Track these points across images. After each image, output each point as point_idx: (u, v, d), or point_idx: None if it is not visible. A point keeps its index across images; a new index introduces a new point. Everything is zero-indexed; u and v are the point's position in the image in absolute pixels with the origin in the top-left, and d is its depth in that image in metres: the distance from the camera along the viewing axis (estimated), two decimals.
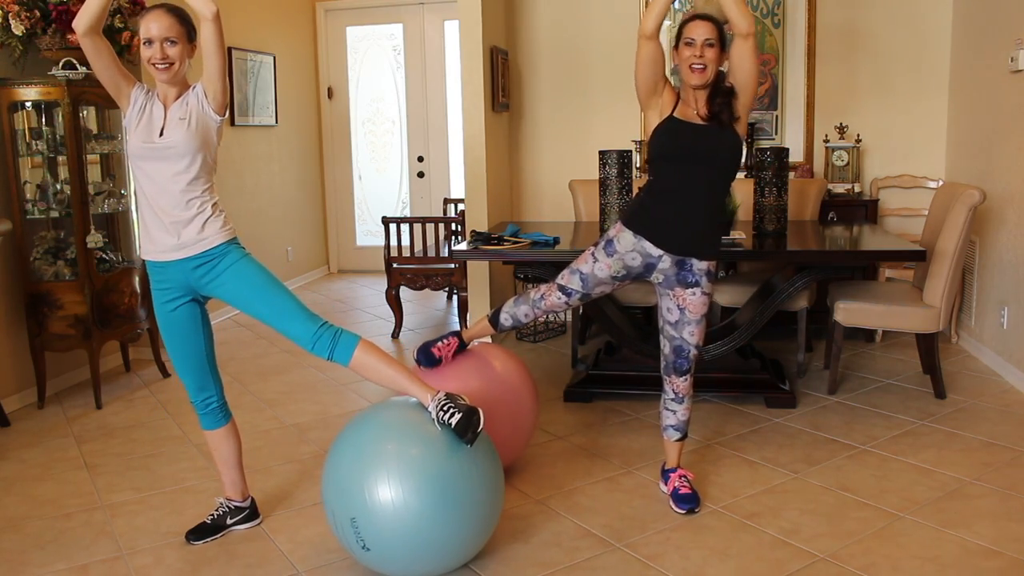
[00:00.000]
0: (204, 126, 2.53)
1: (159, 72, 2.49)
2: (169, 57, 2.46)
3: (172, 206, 2.52)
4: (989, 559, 2.52)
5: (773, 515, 2.84)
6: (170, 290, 2.61)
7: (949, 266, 3.81)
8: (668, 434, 2.99)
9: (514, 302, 3.07)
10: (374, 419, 2.48)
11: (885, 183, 5.19)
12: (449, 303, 6.46)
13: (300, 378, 4.55)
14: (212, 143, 2.57)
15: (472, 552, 2.49)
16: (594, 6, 5.46)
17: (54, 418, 4.00)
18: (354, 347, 2.51)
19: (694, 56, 2.66)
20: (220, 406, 2.77)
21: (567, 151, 5.55)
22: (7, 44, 3.90)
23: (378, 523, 2.29)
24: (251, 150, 6.46)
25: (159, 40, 2.45)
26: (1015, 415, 3.71)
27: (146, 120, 2.53)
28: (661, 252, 2.80)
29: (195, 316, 2.66)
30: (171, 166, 2.50)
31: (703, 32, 2.66)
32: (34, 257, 4.07)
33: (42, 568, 2.63)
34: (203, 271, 2.55)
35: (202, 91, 2.53)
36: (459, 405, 2.39)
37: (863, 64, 5.19)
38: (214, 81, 2.49)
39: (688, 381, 2.93)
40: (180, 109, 2.52)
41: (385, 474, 2.28)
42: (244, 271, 2.56)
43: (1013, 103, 4.17)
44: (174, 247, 2.53)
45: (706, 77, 2.68)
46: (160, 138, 2.50)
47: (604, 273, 2.88)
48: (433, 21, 7.41)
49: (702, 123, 2.73)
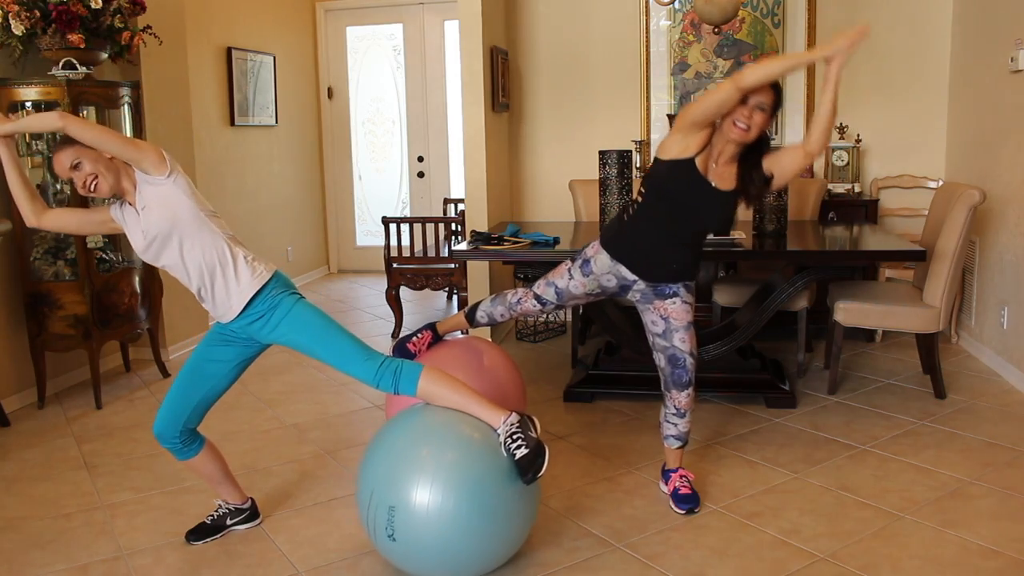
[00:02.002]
0: (163, 198, 2.44)
1: (101, 194, 2.45)
2: (88, 177, 2.41)
3: (200, 282, 2.51)
4: (989, 559, 2.52)
5: (773, 515, 2.84)
6: (236, 333, 2.60)
7: (949, 266, 3.81)
8: (669, 443, 2.99)
9: (491, 301, 3.10)
10: (441, 414, 2.46)
11: (885, 183, 5.19)
12: (449, 303, 6.46)
13: (300, 378, 4.55)
14: (183, 203, 2.45)
15: (493, 566, 2.48)
16: (594, 6, 5.46)
17: (54, 418, 4.00)
18: (417, 377, 2.48)
19: (743, 115, 2.57)
20: (187, 439, 2.67)
21: (567, 151, 5.55)
22: (7, 44, 3.90)
23: (415, 519, 2.27)
24: (251, 150, 6.46)
25: (68, 174, 2.42)
26: (1015, 415, 3.71)
27: (132, 228, 2.51)
28: (636, 278, 2.81)
29: (243, 356, 2.65)
30: (173, 251, 2.48)
31: (760, 96, 2.57)
32: (34, 257, 4.07)
33: (42, 568, 2.63)
34: (260, 324, 2.54)
35: (136, 171, 2.46)
36: (529, 438, 2.36)
37: (863, 64, 5.18)
38: (125, 157, 2.40)
39: (690, 396, 2.89)
40: (140, 200, 2.47)
41: (438, 477, 2.27)
42: (299, 319, 2.52)
43: (1013, 103, 4.17)
44: (224, 312, 2.54)
45: (746, 138, 2.60)
46: (144, 235, 2.47)
47: (579, 291, 2.91)
48: (433, 21, 7.41)
49: (713, 184, 2.67)
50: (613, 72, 5.44)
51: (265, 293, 2.52)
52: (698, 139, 2.65)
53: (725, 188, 2.68)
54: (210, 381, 2.63)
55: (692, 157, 2.65)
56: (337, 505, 3.01)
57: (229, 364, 2.63)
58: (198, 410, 2.66)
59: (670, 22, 5.36)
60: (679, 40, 5.36)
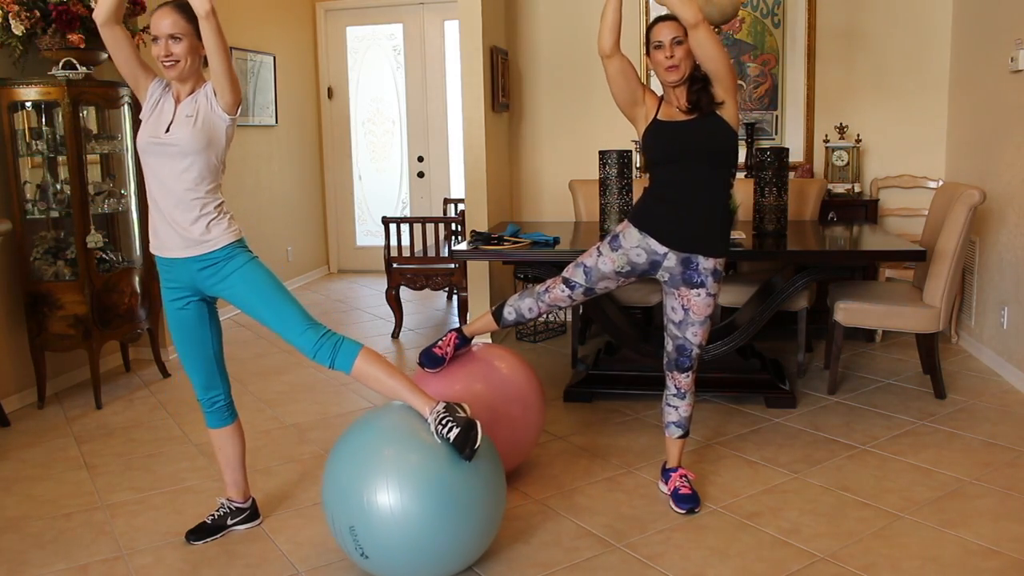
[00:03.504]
0: (211, 125, 2.50)
1: (167, 69, 2.48)
2: (174, 54, 2.45)
3: (175, 206, 2.50)
4: (989, 559, 2.52)
5: (773, 515, 2.84)
6: (178, 288, 2.61)
7: (949, 266, 3.81)
8: (670, 431, 2.99)
9: (519, 296, 3.08)
10: (373, 424, 2.47)
11: (885, 183, 5.19)
12: (449, 303, 6.46)
13: (300, 378, 4.55)
14: (219, 143, 2.52)
15: (473, 557, 2.48)
16: (594, 6, 5.41)
17: (54, 418, 4.00)
18: (355, 356, 2.50)
19: (665, 57, 2.72)
20: (226, 405, 2.77)
21: (567, 151, 5.55)
22: (7, 44, 3.90)
23: (376, 530, 2.28)
24: (251, 150, 6.47)
25: (164, 37, 2.44)
26: (1015, 415, 3.71)
27: (156, 115, 2.52)
28: (666, 249, 2.81)
29: (203, 315, 2.66)
30: (175, 164, 2.48)
31: (669, 32, 2.72)
32: (34, 257, 4.07)
33: (42, 568, 2.63)
34: (209, 272, 2.55)
35: (211, 90, 2.50)
36: (457, 419, 2.37)
37: (863, 64, 5.18)
38: (219, 79, 2.45)
39: (691, 377, 2.93)
40: (189, 106, 2.50)
41: (384, 481, 2.27)
42: (250, 275, 2.55)
43: (1013, 103, 4.17)
44: (179, 246, 2.53)
45: (681, 73, 2.73)
46: (166, 134, 2.48)
47: (608, 267, 2.89)
48: (433, 21, 7.41)
49: (685, 118, 2.76)
50: None
51: (227, 245, 2.55)
52: (648, 105, 2.84)
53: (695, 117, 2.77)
54: (199, 343, 2.67)
55: (655, 117, 2.81)
56: None
57: (199, 324, 2.66)
58: (218, 366, 2.72)
59: None
60: None
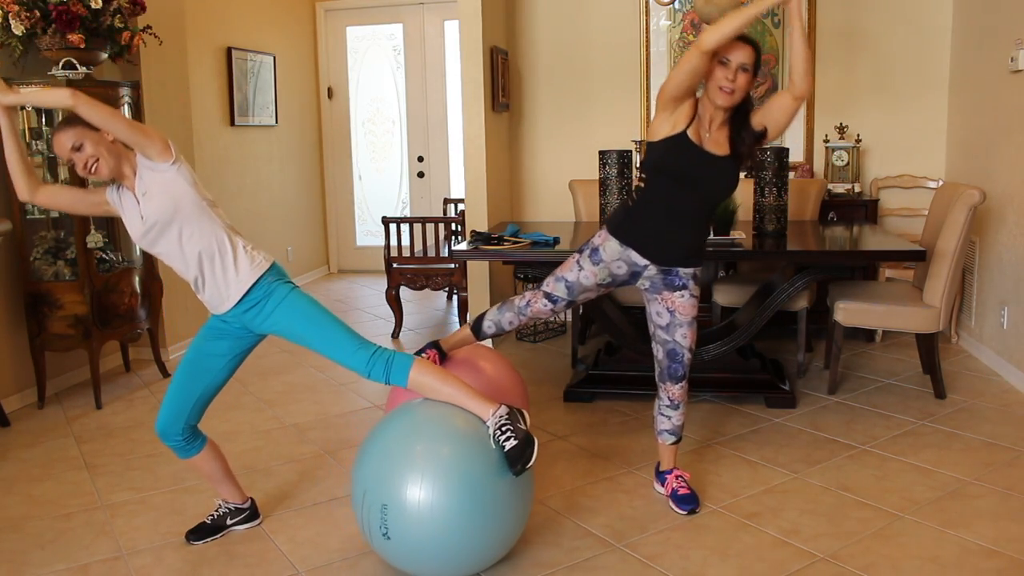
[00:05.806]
0: (164, 184, 2.43)
1: (100, 176, 2.43)
2: (89, 160, 2.39)
3: (198, 271, 2.49)
4: (989, 559, 2.52)
5: (773, 515, 2.84)
6: (228, 324, 2.59)
7: (949, 266, 3.81)
8: (663, 438, 2.98)
9: (498, 309, 2.99)
10: (430, 410, 2.45)
11: (885, 183, 5.19)
12: (449, 303, 6.46)
13: (300, 378, 4.55)
14: (184, 192, 2.44)
15: (487, 564, 2.48)
16: (594, 6, 5.46)
17: (54, 418, 4.00)
18: (408, 369, 2.47)
19: (726, 78, 2.57)
20: (189, 436, 2.67)
21: (567, 151, 5.55)
22: (7, 44, 3.90)
23: (409, 516, 2.27)
24: (251, 150, 6.46)
25: (70, 154, 2.39)
26: (1015, 415, 3.71)
27: (129, 212, 2.49)
28: (647, 262, 2.79)
29: (237, 351, 2.64)
30: (172, 236, 2.46)
31: (741, 56, 2.57)
32: (34, 257, 4.07)
33: (42, 568, 2.63)
34: (254, 313, 2.53)
35: (139, 157, 2.44)
36: (518, 430, 2.36)
37: (863, 64, 5.18)
38: (129, 140, 2.37)
39: (683, 388, 2.90)
40: (140, 185, 2.45)
41: (432, 471, 2.27)
42: (293, 307, 2.52)
43: (1013, 103, 4.17)
44: (225, 299, 2.52)
45: (733, 101, 2.60)
46: (143, 220, 2.46)
47: (590, 281, 2.85)
48: (433, 21, 7.41)
49: (716, 152, 2.67)
50: (613, 72, 5.44)
51: (261, 282, 2.52)
52: (684, 112, 2.65)
53: (721, 154, 2.68)
54: (208, 375, 2.62)
55: (684, 130, 2.66)
56: (337, 505, 3.01)
57: (225, 358, 2.63)
58: (198, 405, 2.65)
59: (670, 22, 5.36)
60: (679, 40, 5.36)
